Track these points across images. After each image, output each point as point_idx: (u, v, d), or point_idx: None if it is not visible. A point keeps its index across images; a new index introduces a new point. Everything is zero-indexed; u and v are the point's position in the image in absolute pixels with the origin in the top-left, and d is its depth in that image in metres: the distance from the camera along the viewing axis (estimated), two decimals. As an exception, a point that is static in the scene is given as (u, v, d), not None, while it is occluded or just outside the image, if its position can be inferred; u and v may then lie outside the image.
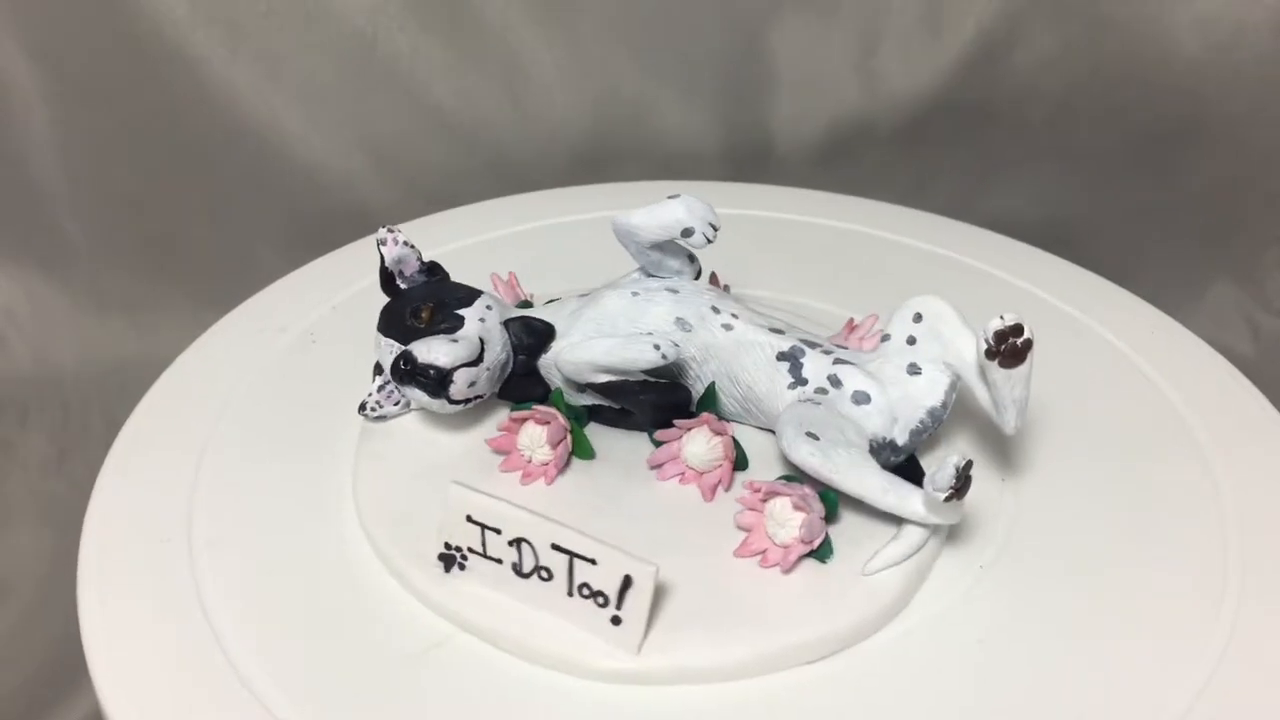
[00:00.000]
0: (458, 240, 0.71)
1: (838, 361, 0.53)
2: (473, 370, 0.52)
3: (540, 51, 0.89)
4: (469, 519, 0.47)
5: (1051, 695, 0.46)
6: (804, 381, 0.53)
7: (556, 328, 0.55)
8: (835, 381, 0.53)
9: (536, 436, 0.53)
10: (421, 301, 0.54)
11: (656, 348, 0.52)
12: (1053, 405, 0.59)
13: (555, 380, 0.56)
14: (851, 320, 0.60)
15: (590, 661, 0.45)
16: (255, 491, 0.54)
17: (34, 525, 0.83)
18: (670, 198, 0.53)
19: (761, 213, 0.75)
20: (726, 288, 0.62)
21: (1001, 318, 0.47)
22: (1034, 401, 0.59)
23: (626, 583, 0.45)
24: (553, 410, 0.54)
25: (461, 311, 0.53)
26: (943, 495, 0.45)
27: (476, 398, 0.54)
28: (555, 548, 0.46)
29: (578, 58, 0.90)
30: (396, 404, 0.57)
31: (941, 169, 0.95)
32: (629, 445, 0.55)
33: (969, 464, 0.46)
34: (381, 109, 0.89)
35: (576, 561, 0.45)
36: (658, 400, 0.54)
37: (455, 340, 0.52)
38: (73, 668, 0.74)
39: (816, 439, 0.49)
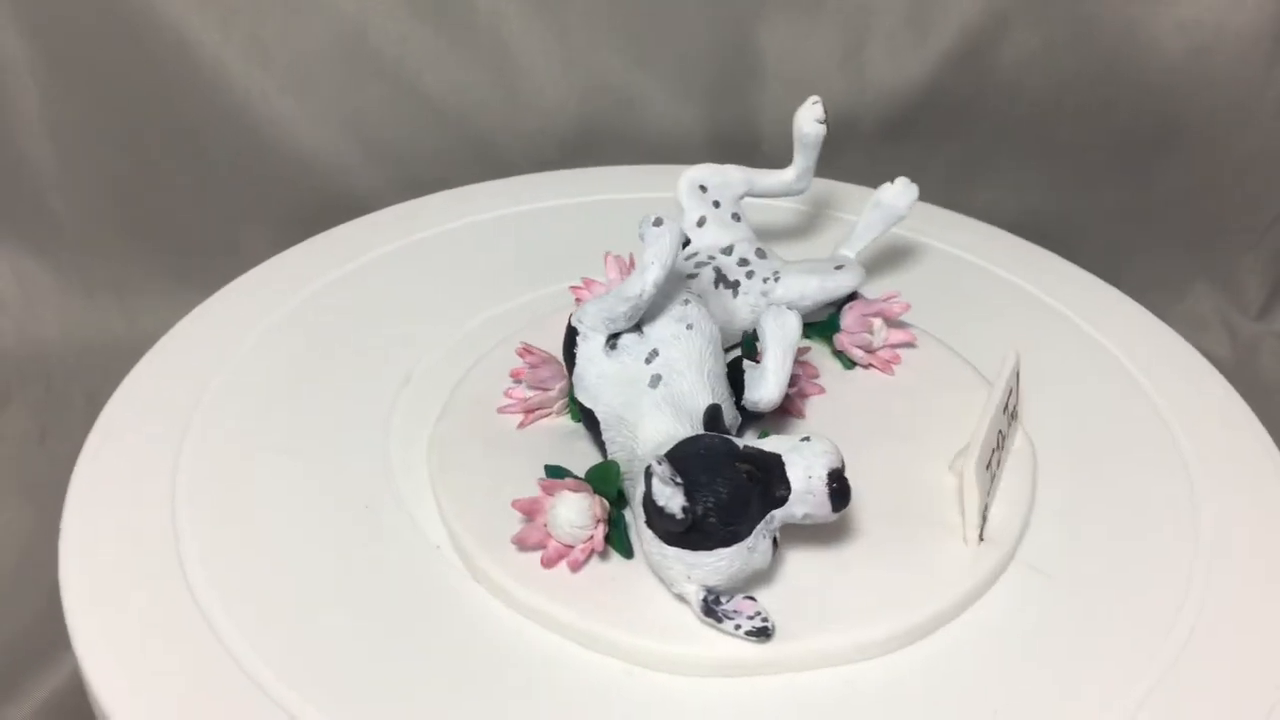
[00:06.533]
0: (444, 223, 0.71)
1: None
2: None
3: (530, 39, 0.89)
4: None
5: (1008, 696, 0.46)
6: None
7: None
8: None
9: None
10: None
11: None
12: (1030, 397, 0.59)
13: None
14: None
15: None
16: (239, 470, 0.55)
17: (14, 501, 0.83)
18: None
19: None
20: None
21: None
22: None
23: None
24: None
25: None
26: None
27: None
28: None
29: (567, 46, 0.90)
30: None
31: (925, 165, 0.95)
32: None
33: None
34: (371, 94, 0.90)
35: None
36: None
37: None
38: (50, 645, 0.74)
39: None
